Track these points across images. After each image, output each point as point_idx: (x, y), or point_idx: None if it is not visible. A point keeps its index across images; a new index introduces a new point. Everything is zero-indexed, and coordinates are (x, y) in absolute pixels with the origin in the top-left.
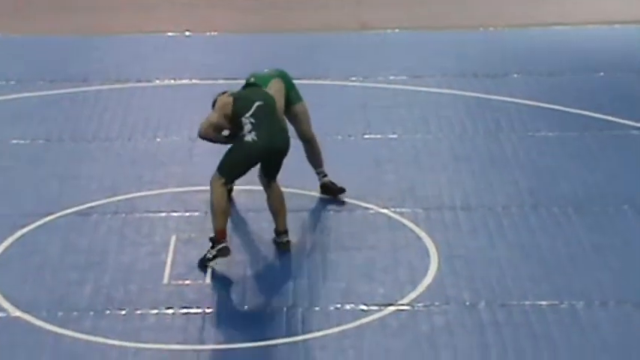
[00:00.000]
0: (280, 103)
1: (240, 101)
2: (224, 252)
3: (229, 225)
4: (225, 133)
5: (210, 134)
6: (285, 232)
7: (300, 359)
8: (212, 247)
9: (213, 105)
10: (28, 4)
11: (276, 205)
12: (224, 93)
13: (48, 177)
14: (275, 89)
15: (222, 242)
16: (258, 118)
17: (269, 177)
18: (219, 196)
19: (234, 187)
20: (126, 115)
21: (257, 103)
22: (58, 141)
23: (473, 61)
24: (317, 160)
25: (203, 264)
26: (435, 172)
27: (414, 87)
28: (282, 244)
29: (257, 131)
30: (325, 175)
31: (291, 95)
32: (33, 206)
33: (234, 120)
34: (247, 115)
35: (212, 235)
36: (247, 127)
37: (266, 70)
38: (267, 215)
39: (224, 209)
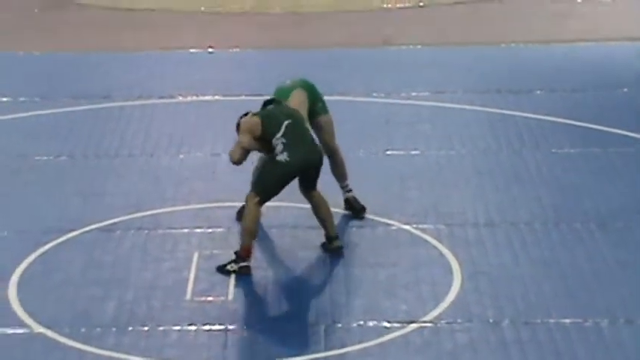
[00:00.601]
0: (303, 114)
1: (269, 122)
2: (245, 270)
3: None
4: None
5: (244, 158)
6: (337, 237)
7: None
8: (235, 262)
9: (237, 128)
10: (50, 21)
11: (323, 213)
12: (246, 114)
13: (71, 193)
14: (297, 102)
15: (246, 260)
16: (288, 138)
17: (308, 188)
18: (253, 216)
19: None
20: (149, 132)
21: (286, 122)
22: (81, 157)
23: (496, 78)
24: (341, 174)
25: (222, 271)
26: (458, 189)
27: (436, 103)
28: (334, 249)
29: (288, 151)
30: (350, 190)
31: (318, 106)
32: (56, 222)
33: (264, 141)
34: (278, 135)
35: (236, 249)
36: (279, 147)
37: (288, 82)
38: (290, 231)
39: (254, 230)
